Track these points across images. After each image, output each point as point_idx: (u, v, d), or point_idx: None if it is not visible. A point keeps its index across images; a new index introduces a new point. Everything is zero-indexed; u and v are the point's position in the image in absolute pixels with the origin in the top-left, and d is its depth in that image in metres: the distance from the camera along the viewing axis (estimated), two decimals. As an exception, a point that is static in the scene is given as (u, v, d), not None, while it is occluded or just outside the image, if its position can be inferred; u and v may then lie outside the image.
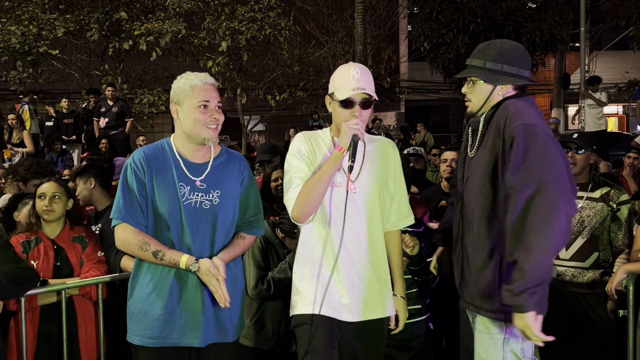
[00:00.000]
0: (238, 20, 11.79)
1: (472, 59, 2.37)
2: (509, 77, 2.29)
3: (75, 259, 3.20)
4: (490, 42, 2.35)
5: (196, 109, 2.36)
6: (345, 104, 2.37)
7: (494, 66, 2.29)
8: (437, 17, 13.18)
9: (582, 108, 11.28)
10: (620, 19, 16.08)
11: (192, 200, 2.37)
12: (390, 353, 3.24)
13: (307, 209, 2.32)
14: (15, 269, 2.76)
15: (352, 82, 2.36)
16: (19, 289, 2.81)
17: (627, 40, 17.15)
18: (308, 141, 2.46)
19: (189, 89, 2.37)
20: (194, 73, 2.43)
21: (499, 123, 2.23)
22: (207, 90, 2.39)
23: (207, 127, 2.38)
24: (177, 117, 2.42)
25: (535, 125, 2.14)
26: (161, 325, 2.35)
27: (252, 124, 14.24)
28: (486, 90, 2.32)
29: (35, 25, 12.24)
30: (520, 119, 2.16)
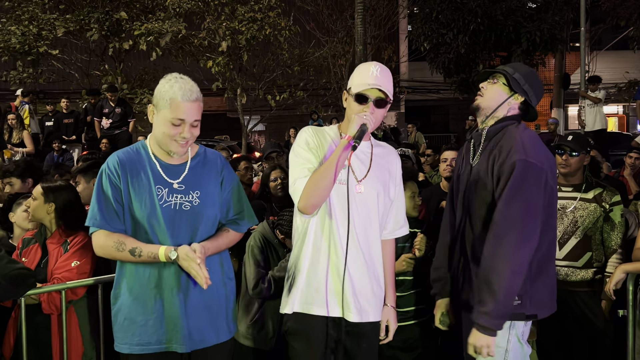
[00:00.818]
0: (238, 20, 11.79)
1: (504, 67, 2.54)
2: (525, 95, 2.48)
3: (52, 265, 3.10)
4: (524, 65, 2.58)
5: (169, 122, 2.27)
6: (359, 99, 2.36)
7: (519, 79, 2.46)
8: (437, 17, 13.18)
9: (582, 108, 11.28)
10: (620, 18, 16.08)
11: (171, 202, 2.32)
12: (394, 354, 3.25)
13: (314, 200, 2.26)
14: (14, 270, 2.76)
15: (370, 79, 2.35)
16: (19, 289, 2.80)
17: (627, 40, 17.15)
18: (315, 135, 2.43)
19: (167, 101, 2.26)
20: (180, 82, 2.28)
21: (501, 148, 2.37)
22: (187, 107, 2.26)
23: (175, 141, 2.30)
24: (151, 118, 2.35)
25: (534, 164, 2.29)
26: (149, 331, 2.32)
27: (252, 124, 14.24)
28: (502, 95, 2.48)
29: (35, 25, 12.24)
30: (524, 153, 2.30)
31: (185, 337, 2.34)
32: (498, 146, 2.40)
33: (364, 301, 2.39)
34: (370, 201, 2.40)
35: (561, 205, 3.49)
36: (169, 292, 2.33)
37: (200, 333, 2.38)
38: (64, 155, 9.83)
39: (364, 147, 2.45)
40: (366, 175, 2.41)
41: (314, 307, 2.37)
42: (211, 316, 2.41)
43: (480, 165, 2.45)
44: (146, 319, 2.33)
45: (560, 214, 3.47)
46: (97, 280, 3.08)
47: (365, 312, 2.39)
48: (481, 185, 2.41)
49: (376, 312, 2.45)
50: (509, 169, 2.29)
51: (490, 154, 2.42)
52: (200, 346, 2.39)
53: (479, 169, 2.45)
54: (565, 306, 3.46)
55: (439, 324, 2.70)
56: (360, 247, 2.38)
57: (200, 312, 2.37)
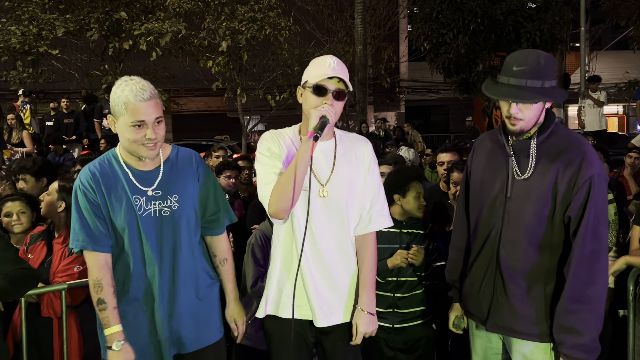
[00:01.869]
0: (238, 20, 11.79)
1: (524, 78, 2.19)
2: (559, 91, 2.28)
3: (55, 265, 3.15)
4: (536, 57, 2.21)
5: (130, 127, 2.20)
6: (318, 90, 2.26)
7: (550, 84, 2.21)
8: (437, 17, 13.19)
9: (582, 108, 11.29)
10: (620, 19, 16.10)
11: (150, 210, 2.27)
12: (394, 355, 3.24)
13: (283, 204, 2.19)
14: (16, 270, 2.76)
15: (328, 70, 2.26)
16: (19, 289, 2.80)
17: (627, 40, 17.17)
18: (276, 139, 2.37)
19: (122, 106, 2.18)
20: (130, 83, 2.21)
21: (569, 161, 2.20)
22: (143, 107, 2.18)
23: (143, 145, 2.23)
24: (114, 128, 2.28)
25: (605, 177, 2.22)
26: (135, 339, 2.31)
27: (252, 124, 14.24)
28: (541, 109, 2.26)
29: (35, 25, 12.24)
30: (596, 166, 2.20)
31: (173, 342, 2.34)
32: (562, 159, 2.21)
33: (326, 306, 2.35)
34: (336, 204, 2.33)
35: None
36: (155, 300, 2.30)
37: (190, 337, 2.37)
38: (65, 155, 9.84)
39: (327, 146, 2.36)
40: (330, 178, 2.33)
41: (284, 310, 2.38)
42: (199, 320, 2.39)
43: (534, 179, 2.26)
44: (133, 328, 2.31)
45: None
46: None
47: (331, 315, 2.36)
48: (536, 201, 2.24)
49: (347, 313, 2.39)
50: (586, 185, 2.16)
51: (549, 167, 2.23)
52: (188, 350, 2.38)
53: (533, 184, 2.25)
54: None
55: (453, 327, 2.68)
56: (322, 253, 2.33)
57: (189, 318, 2.36)
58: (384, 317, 3.17)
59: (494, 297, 2.37)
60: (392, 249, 3.16)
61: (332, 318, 2.36)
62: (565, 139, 2.27)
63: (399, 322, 3.21)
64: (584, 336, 2.14)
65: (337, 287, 2.37)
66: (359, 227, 2.41)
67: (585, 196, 2.16)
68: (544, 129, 2.28)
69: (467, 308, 2.55)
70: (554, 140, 2.26)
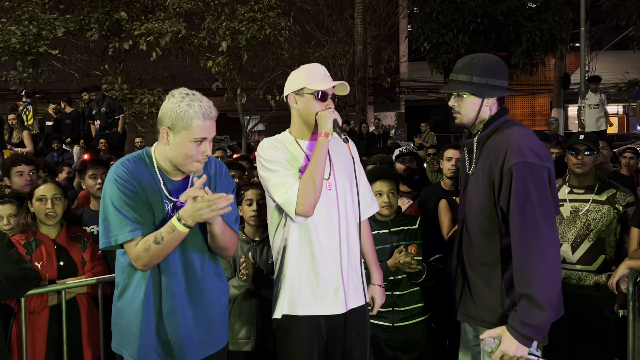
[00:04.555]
0: (238, 20, 11.80)
1: (457, 74, 2.44)
2: (496, 90, 2.40)
3: (77, 258, 3.19)
4: (474, 57, 2.44)
5: (190, 143, 2.17)
6: (322, 96, 2.50)
7: (480, 80, 2.38)
8: (437, 17, 13.19)
9: (581, 108, 11.30)
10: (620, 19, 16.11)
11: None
12: (394, 354, 3.24)
13: (312, 200, 2.36)
14: (17, 270, 2.76)
15: (326, 77, 2.54)
16: (20, 289, 2.80)
17: (627, 40, 17.18)
18: (275, 147, 2.53)
19: (189, 122, 2.14)
20: (197, 100, 2.17)
21: (498, 153, 2.30)
22: (208, 125, 2.18)
23: (197, 162, 2.22)
24: (165, 140, 2.20)
25: (533, 164, 2.23)
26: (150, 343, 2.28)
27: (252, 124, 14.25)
28: (475, 104, 2.41)
29: (35, 25, 12.24)
30: (521, 154, 2.23)
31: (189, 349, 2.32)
32: (494, 151, 2.32)
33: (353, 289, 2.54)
34: (340, 194, 2.53)
35: (574, 207, 3.44)
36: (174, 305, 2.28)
37: (203, 344, 2.36)
38: (64, 155, 9.85)
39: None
40: (330, 172, 2.53)
41: (298, 308, 2.47)
42: (214, 326, 2.39)
43: (477, 174, 2.39)
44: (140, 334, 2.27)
45: (573, 216, 3.42)
46: (98, 280, 3.09)
47: (346, 302, 2.51)
48: (479, 194, 2.36)
49: (357, 297, 2.56)
50: (508, 174, 2.23)
51: (486, 161, 2.35)
52: (203, 356, 2.38)
53: (476, 178, 2.39)
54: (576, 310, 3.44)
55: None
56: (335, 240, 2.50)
57: (203, 324, 2.35)
58: (383, 316, 3.17)
59: (462, 288, 2.50)
60: (385, 249, 3.17)
61: (347, 305, 2.51)
62: (504, 134, 2.35)
63: (399, 320, 3.21)
64: (532, 318, 2.17)
65: (350, 274, 2.55)
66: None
67: (507, 188, 2.23)
68: (486, 126, 2.42)
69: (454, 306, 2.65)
70: (495, 137, 2.38)
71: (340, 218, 2.51)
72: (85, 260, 3.21)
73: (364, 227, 2.70)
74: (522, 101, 24.03)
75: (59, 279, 3.09)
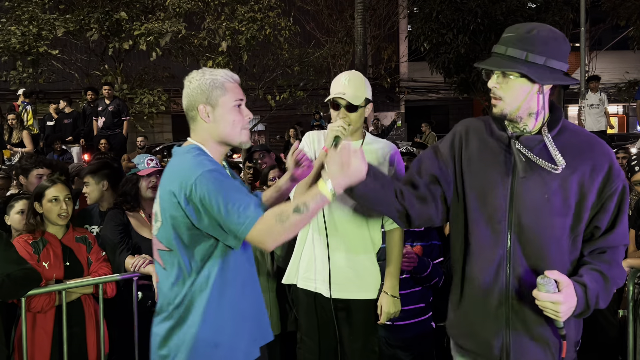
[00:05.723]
0: (238, 20, 11.80)
1: (506, 46, 1.87)
2: (556, 75, 1.87)
3: (83, 259, 3.19)
4: (532, 27, 1.87)
5: (233, 108, 2.06)
6: (334, 106, 2.63)
7: (537, 59, 1.84)
8: (437, 17, 13.19)
9: (581, 108, 11.30)
10: (620, 18, 16.11)
11: None
12: (394, 353, 3.25)
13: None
14: (18, 270, 2.76)
15: (339, 87, 2.62)
16: (21, 289, 2.81)
17: (627, 40, 17.17)
18: (314, 141, 2.77)
19: (222, 87, 2.05)
20: (215, 71, 2.11)
21: (593, 166, 1.89)
22: (238, 87, 2.12)
23: (244, 129, 2.11)
24: (208, 119, 2.05)
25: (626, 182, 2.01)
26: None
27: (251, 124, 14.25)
28: (525, 90, 1.88)
29: (35, 25, 12.24)
30: (622, 174, 1.94)
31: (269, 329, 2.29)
32: (585, 163, 1.88)
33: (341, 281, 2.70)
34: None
35: None
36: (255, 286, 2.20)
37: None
38: (64, 155, 9.84)
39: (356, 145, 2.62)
40: None
41: (310, 283, 2.77)
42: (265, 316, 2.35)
43: (552, 181, 1.89)
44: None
45: None
46: (99, 280, 3.10)
47: (344, 290, 2.70)
48: (559, 206, 1.90)
49: (360, 291, 2.73)
50: (618, 195, 1.91)
51: (574, 171, 1.88)
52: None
53: (554, 186, 1.89)
54: None
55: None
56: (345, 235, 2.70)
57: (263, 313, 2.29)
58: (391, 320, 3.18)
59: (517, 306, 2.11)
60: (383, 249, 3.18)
61: (345, 293, 2.70)
62: (599, 147, 1.94)
63: (399, 319, 3.21)
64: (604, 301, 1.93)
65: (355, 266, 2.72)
66: (386, 224, 2.77)
67: (616, 209, 1.95)
68: (553, 123, 1.95)
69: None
70: (567, 140, 1.93)
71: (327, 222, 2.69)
72: (91, 261, 3.21)
73: (392, 237, 2.78)
74: (522, 101, 24.00)
75: (65, 279, 3.09)
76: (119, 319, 3.31)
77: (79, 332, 3.12)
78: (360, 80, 2.64)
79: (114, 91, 10.57)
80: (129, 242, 3.26)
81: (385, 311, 2.73)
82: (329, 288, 2.68)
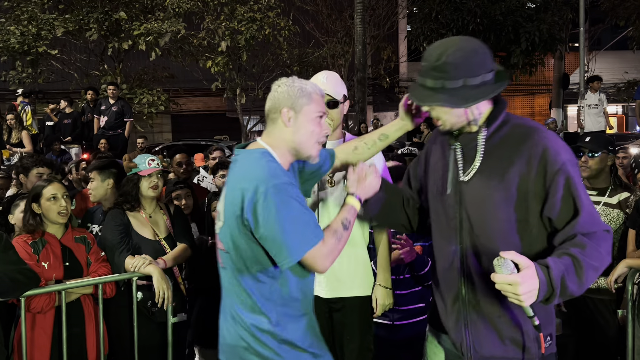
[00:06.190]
0: (237, 20, 11.80)
1: (425, 78, 1.89)
2: (480, 90, 1.85)
3: (82, 259, 3.18)
4: (441, 53, 1.86)
5: (315, 119, 2.09)
6: None
7: (454, 84, 1.84)
8: (437, 17, 13.20)
9: (581, 108, 11.31)
10: (620, 19, 16.12)
11: None
12: (394, 353, 3.26)
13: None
14: (16, 270, 2.76)
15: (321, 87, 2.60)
16: (19, 290, 2.80)
17: (626, 40, 17.19)
18: None
19: (309, 96, 2.08)
20: (305, 81, 2.16)
21: (532, 154, 1.87)
22: (322, 101, 2.14)
23: (318, 143, 2.11)
24: (289, 123, 2.06)
25: (575, 162, 1.94)
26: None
27: (251, 124, 14.25)
28: (456, 111, 1.91)
29: (34, 25, 12.24)
30: (563, 153, 1.88)
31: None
32: (522, 154, 1.87)
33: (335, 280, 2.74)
34: (340, 192, 2.74)
35: None
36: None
37: None
38: (63, 155, 9.83)
39: (335, 144, 2.74)
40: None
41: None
42: None
43: (493, 176, 1.91)
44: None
45: None
46: (98, 280, 3.09)
47: (339, 288, 2.76)
48: (500, 200, 1.90)
49: (353, 289, 2.78)
50: (562, 177, 1.85)
51: (512, 163, 1.89)
52: None
53: (494, 180, 1.91)
54: (578, 313, 3.44)
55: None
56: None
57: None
58: (384, 314, 3.18)
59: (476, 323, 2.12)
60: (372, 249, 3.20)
61: (339, 292, 2.76)
62: (534, 137, 1.91)
63: (399, 319, 3.22)
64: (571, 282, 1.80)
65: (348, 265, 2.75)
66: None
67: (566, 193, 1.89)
68: (490, 120, 1.95)
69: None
70: (507, 135, 1.94)
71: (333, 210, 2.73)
72: (90, 262, 3.21)
73: (379, 235, 2.87)
74: (521, 101, 24.02)
75: (64, 279, 3.09)
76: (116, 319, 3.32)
77: (78, 332, 3.12)
78: (337, 77, 2.80)
79: (118, 92, 10.56)
80: (129, 243, 3.26)
81: (380, 303, 2.79)
82: (323, 288, 2.74)
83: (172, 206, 3.66)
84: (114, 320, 3.31)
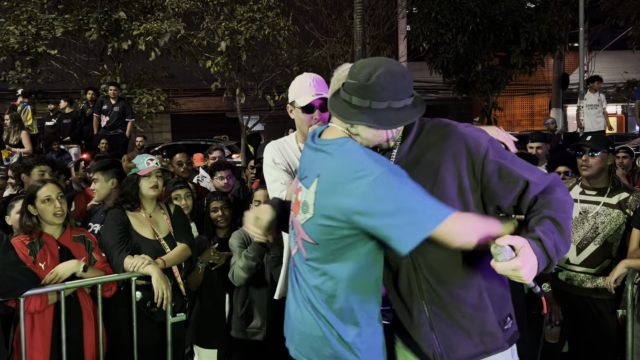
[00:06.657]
0: (237, 20, 11.78)
1: (351, 95, 1.90)
2: (401, 114, 1.88)
3: (80, 258, 3.17)
4: (370, 74, 1.85)
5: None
6: (306, 109, 2.68)
7: (380, 106, 1.86)
8: (436, 17, 13.19)
9: (580, 108, 11.30)
10: (619, 19, 16.12)
11: None
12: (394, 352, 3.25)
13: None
14: (15, 271, 2.76)
15: (311, 90, 2.69)
16: (18, 290, 2.81)
17: (625, 40, 17.19)
18: (278, 150, 2.79)
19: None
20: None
21: (456, 151, 1.92)
22: None
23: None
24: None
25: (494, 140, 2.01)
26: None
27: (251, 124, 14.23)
28: (374, 130, 1.92)
29: (34, 25, 12.22)
30: (482, 139, 1.94)
31: None
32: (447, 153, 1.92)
33: None
34: None
35: (583, 209, 3.38)
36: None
37: None
38: (62, 155, 9.82)
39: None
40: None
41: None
42: None
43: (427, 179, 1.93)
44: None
45: (582, 218, 3.37)
46: (97, 280, 3.09)
47: None
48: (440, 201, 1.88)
49: None
50: (490, 156, 1.91)
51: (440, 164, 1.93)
52: None
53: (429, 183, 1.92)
54: (578, 313, 3.44)
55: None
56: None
57: None
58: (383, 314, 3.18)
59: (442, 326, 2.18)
60: None
61: None
62: (447, 131, 1.98)
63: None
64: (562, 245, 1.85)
65: None
66: None
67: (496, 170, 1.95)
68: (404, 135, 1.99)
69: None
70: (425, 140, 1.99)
71: None
72: (96, 259, 3.21)
73: None
74: (521, 101, 24.03)
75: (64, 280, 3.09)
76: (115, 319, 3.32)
77: (77, 332, 3.12)
78: (322, 79, 2.79)
79: (119, 92, 10.57)
80: (128, 242, 3.26)
81: None
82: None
83: (172, 206, 3.67)
84: (113, 320, 3.31)
